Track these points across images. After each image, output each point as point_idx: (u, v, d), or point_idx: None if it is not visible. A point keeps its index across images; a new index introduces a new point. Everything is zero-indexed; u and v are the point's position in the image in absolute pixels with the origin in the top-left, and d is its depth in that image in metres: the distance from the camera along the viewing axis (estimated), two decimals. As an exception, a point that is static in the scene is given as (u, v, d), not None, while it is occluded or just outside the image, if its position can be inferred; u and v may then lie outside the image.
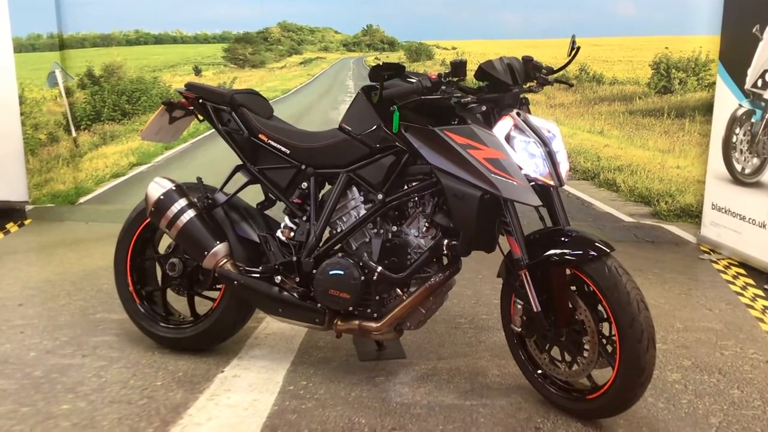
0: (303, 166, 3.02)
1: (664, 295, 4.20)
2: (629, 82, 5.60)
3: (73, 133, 6.07)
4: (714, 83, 5.16)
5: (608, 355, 2.59)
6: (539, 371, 2.81)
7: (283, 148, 3.04)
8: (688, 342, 3.49)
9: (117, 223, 3.45)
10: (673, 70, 5.43)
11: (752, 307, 4.00)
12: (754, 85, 4.63)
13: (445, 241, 2.74)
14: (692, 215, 5.44)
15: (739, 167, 4.83)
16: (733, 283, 4.42)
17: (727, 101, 4.91)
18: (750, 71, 4.65)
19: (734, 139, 4.86)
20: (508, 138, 2.61)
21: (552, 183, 2.64)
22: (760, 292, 4.26)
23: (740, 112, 4.79)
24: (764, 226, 4.57)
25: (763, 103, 4.57)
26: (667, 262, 4.89)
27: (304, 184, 3.03)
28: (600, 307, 2.59)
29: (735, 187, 4.87)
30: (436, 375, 3.09)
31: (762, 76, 4.56)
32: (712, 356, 3.32)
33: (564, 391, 2.75)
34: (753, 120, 4.68)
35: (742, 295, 4.21)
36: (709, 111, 5.24)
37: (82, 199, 6.15)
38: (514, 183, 2.54)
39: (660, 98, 5.52)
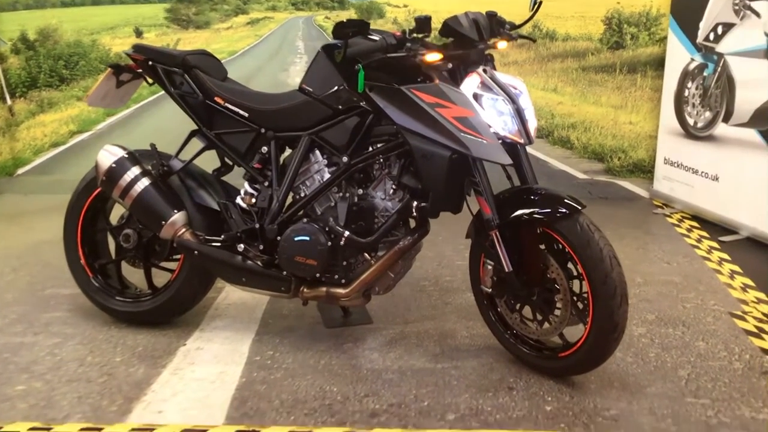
0: (262, 130, 2.91)
1: (622, 250, 4.18)
2: (582, 38, 5.58)
3: (8, 101, 5.78)
4: (665, 38, 5.17)
5: (580, 312, 2.60)
6: (510, 331, 2.80)
7: (240, 111, 2.92)
8: (650, 296, 3.54)
9: (58, 195, 3.31)
10: (625, 25, 5.44)
11: (709, 259, 4.07)
12: (706, 39, 4.66)
13: (414, 204, 2.69)
14: (644, 170, 5.50)
15: (691, 121, 4.88)
16: (688, 236, 4.50)
17: (678, 55, 4.93)
18: (702, 24, 4.67)
19: (686, 94, 4.89)
20: (475, 96, 2.57)
21: (521, 141, 2.61)
22: (714, 245, 4.34)
23: (692, 66, 4.82)
24: (716, 179, 4.65)
25: (715, 57, 4.61)
26: (622, 217, 4.94)
27: (264, 149, 2.93)
28: (570, 265, 2.59)
29: (687, 141, 4.92)
30: (405, 339, 3.06)
31: (714, 29, 4.59)
32: (674, 309, 3.38)
33: (536, 350, 2.75)
34: (705, 74, 4.72)
35: (698, 247, 4.29)
36: (660, 66, 5.25)
37: (20, 170, 5.88)
38: (484, 141, 2.49)
39: (612, 54, 5.53)
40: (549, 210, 2.54)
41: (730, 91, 4.48)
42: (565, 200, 2.55)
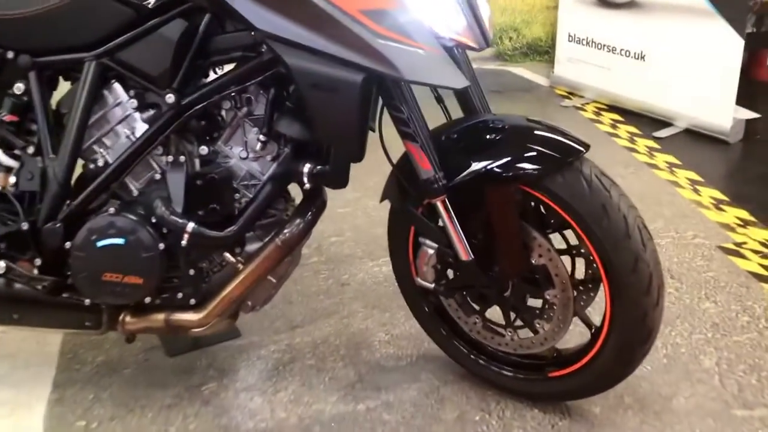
0: (9, 54, 1.75)
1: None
2: None
3: None
4: None
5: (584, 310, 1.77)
6: (479, 349, 1.94)
7: (-38, 24, 1.74)
8: (610, 233, 2.80)
9: None
10: None
11: (656, 167, 3.40)
12: None
13: (306, 168, 1.69)
14: (542, 52, 4.76)
15: (604, -16, 4.14)
16: (617, 136, 3.82)
17: None
18: None
19: (596, -52, 4.13)
20: (390, -30, 1.56)
21: (474, 44, 1.66)
22: (652, 143, 3.69)
23: None
24: (642, 57, 3.96)
25: None
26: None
27: (19, 86, 1.77)
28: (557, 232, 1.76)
29: (599, 10, 4.19)
30: (297, 360, 2.13)
31: None
32: (650, 251, 2.66)
33: (522, 369, 1.91)
34: None
35: (635, 150, 3.61)
36: None
37: None
38: (420, 51, 1.52)
39: None
40: (531, 158, 1.64)
41: (661, -59, 3.74)
42: (561, 140, 1.66)
